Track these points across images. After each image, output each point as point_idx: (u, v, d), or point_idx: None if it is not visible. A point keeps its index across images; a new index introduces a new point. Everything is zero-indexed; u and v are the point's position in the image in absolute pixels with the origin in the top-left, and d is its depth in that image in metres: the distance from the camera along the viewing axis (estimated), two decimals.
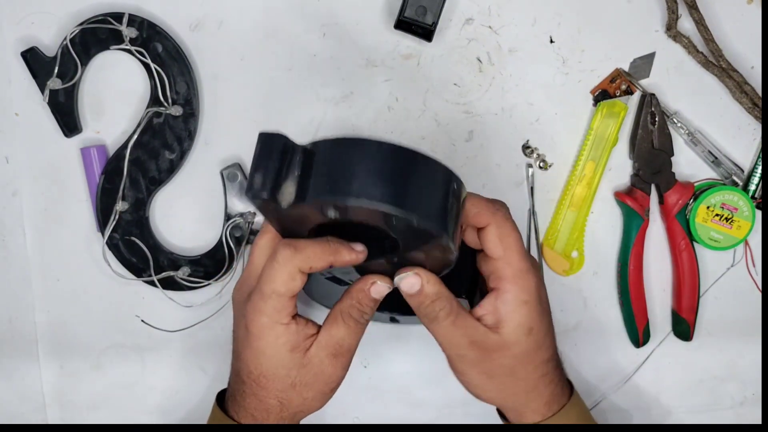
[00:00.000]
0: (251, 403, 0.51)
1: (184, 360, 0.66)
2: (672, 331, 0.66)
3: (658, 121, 0.61)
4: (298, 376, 0.50)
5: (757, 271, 0.65)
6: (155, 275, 0.62)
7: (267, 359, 0.49)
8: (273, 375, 0.49)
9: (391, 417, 0.67)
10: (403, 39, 0.61)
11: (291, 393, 0.50)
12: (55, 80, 0.60)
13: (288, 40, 0.61)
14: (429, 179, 0.42)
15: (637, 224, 0.62)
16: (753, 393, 0.67)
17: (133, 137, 0.60)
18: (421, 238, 0.43)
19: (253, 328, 0.49)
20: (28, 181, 0.63)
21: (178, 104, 0.60)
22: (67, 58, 0.60)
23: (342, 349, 0.50)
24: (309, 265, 0.46)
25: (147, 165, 0.61)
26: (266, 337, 0.49)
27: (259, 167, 0.41)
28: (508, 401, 0.52)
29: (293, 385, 0.50)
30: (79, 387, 0.67)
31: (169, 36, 0.60)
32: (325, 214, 0.42)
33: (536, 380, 0.50)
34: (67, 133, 0.61)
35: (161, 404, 0.67)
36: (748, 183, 0.63)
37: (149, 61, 0.59)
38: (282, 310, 0.48)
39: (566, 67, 0.62)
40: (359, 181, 0.40)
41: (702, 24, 0.60)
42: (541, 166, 0.63)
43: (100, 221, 0.62)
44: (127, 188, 0.61)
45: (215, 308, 0.64)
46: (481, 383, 0.51)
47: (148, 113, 0.60)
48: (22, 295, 0.65)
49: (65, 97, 0.61)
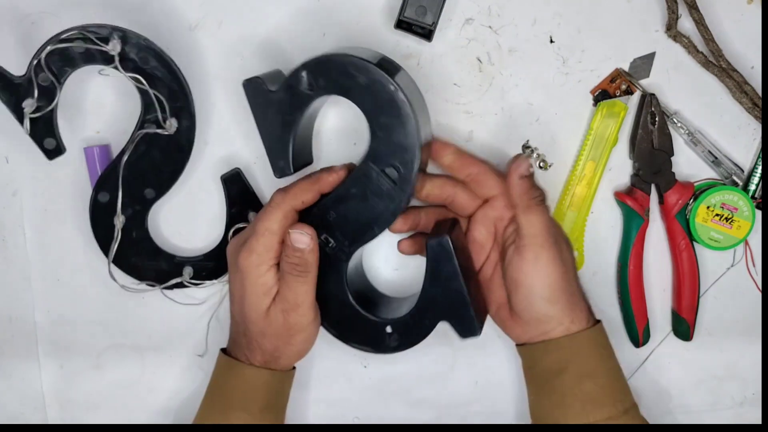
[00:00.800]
0: (246, 342, 0.56)
1: (185, 359, 0.66)
2: (672, 331, 0.66)
3: (658, 121, 0.61)
4: (269, 325, 0.55)
5: (757, 270, 0.65)
6: (160, 284, 0.62)
7: (251, 297, 0.55)
8: (257, 315, 0.55)
9: (391, 417, 0.67)
10: (403, 39, 0.61)
11: (264, 340, 0.56)
12: (32, 102, 0.54)
13: (288, 40, 0.61)
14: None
15: (637, 224, 0.62)
16: (753, 393, 0.67)
17: (126, 152, 0.58)
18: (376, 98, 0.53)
19: (242, 267, 0.54)
20: (28, 181, 0.63)
21: (172, 117, 0.57)
22: (41, 77, 0.54)
23: (289, 304, 0.55)
24: (300, 200, 0.54)
25: (145, 176, 0.59)
26: (252, 275, 0.54)
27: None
28: (545, 290, 0.54)
29: (262, 333, 0.55)
30: (79, 387, 0.67)
31: (157, 47, 0.56)
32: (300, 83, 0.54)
33: (576, 288, 0.56)
34: (51, 157, 0.58)
35: (161, 404, 0.67)
36: (748, 183, 0.63)
37: (144, 84, 0.56)
38: (270, 250, 0.54)
39: (566, 67, 0.62)
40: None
41: (702, 24, 0.60)
42: (541, 166, 0.63)
43: (100, 240, 0.60)
44: (125, 203, 0.59)
45: (219, 306, 0.64)
46: (527, 269, 0.55)
47: (140, 134, 0.57)
48: (22, 295, 0.65)
49: (44, 121, 0.56)
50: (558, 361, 0.55)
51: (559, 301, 0.55)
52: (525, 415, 0.63)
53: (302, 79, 0.53)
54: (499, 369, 0.67)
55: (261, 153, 0.57)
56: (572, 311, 0.55)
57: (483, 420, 0.68)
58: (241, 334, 0.57)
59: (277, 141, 0.55)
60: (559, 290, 0.54)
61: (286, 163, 0.55)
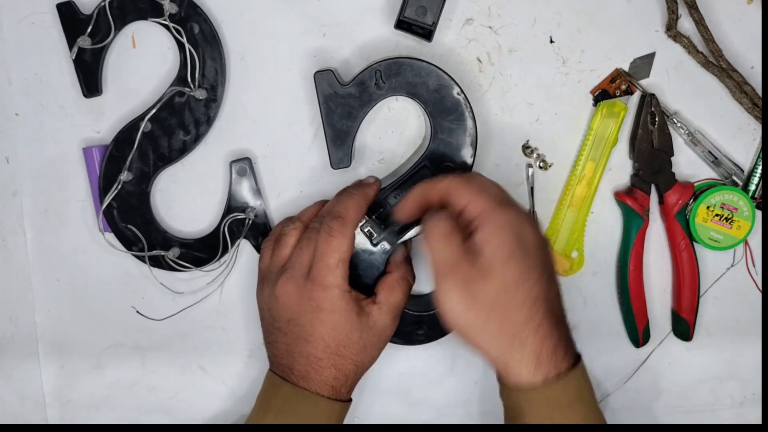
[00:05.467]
0: (330, 375, 0.55)
1: (185, 359, 0.66)
2: (672, 331, 0.66)
3: (658, 121, 0.61)
4: (368, 338, 0.55)
5: (757, 271, 0.65)
6: (146, 251, 0.62)
7: (343, 327, 0.54)
8: (349, 341, 0.55)
9: (391, 417, 0.67)
10: (403, 39, 0.61)
11: (363, 354, 0.56)
12: (86, 39, 0.59)
13: (288, 41, 0.61)
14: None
15: (637, 224, 0.62)
16: (753, 393, 0.67)
17: (152, 111, 0.60)
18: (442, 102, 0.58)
19: (325, 304, 0.54)
20: (28, 181, 0.63)
21: (203, 88, 0.60)
22: (101, 20, 0.59)
23: (397, 309, 0.57)
24: (357, 220, 0.56)
25: (159, 141, 0.61)
26: (339, 309, 0.54)
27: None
28: (491, 343, 0.48)
29: (365, 347, 0.56)
30: (79, 386, 0.67)
31: (208, 19, 0.59)
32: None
33: (521, 323, 0.48)
34: (87, 94, 0.61)
35: (162, 404, 0.67)
36: (748, 183, 0.63)
37: (184, 40, 0.59)
38: (347, 278, 0.54)
39: (566, 67, 0.62)
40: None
41: (702, 24, 0.60)
42: (541, 166, 0.63)
43: (101, 188, 0.61)
44: (134, 160, 0.61)
45: (211, 300, 0.64)
46: (464, 310, 0.48)
47: (172, 91, 0.60)
48: (23, 295, 0.65)
49: (92, 57, 0.60)
50: (513, 409, 0.50)
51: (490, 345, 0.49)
52: None
53: (374, 78, 0.58)
54: None
55: (270, 149, 0.57)
56: (521, 356, 0.48)
57: (483, 420, 0.68)
58: (318, 368, 0.55)
59: (341, 133, 0.58)
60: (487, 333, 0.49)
61: (346, 156, 0.59)
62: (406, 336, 0.62)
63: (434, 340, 0.63)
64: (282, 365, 0.56)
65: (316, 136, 0.62)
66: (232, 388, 0.67)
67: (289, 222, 0.59)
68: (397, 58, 0.58)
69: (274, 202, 0.63)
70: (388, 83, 0.58)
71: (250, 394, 0.67)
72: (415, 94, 0.58)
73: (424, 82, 0.58)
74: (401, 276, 0.57)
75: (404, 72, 0.58)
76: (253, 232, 0.63)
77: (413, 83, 0.58)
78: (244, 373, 0.66)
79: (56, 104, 0.62)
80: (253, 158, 0.62)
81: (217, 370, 0.67)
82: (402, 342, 0.62)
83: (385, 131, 0.62)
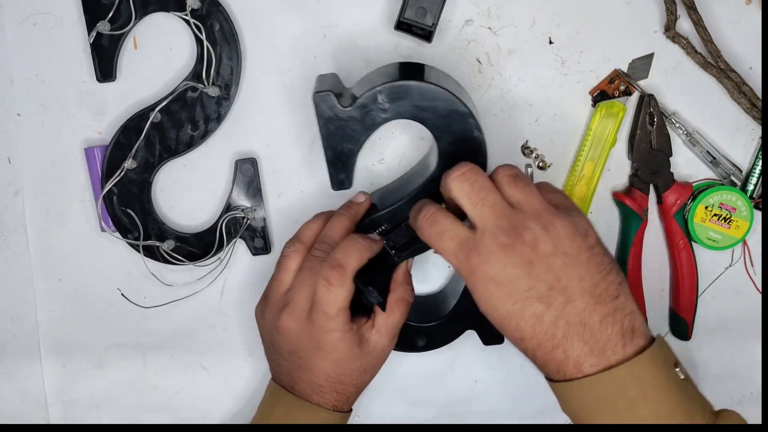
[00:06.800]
0: (331, 398, 0.56)
1: (186, 358, 0.67)
2: (670, 331, 0.66)
3: (657, 121, 0.61)
4: (368, 362, 0.57)
5: (756, 270, 0.65)
6: (141, 240, 0.62)
7: (344, 362, 0.55)
8: (350, 371, 0.56)
9: (392, 416, 0.68)
10: (403, 40, 0.61)
11: (364, 377, 0.57)
12: (105, 24, 0.59)
13: (289, 41, 0.61)
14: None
15: (635, 224, 0.62)
16: (752, 392, 0.68)
17: (163, 102, 0.60)
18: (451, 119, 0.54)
19: (326, 345, 0.54)
20: (30, 181, 0.64)
21: (216, 85, 0.60)
22: (123, 7, 0.59)
23: (396, 330, 0.57)
24: (357, 269, 0.53)
25: (167, 133, 0.61)
26: (340, 348, 0.54)
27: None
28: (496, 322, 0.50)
29: (365, 371, 0.57)
30: (80, 386, 0.67)
31: (229, 18, 0.59)
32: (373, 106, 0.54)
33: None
34: (101, 78, 0.61)
35: (163, 403, 0.67)
36: (747, 183, 0.63)
37: (203, 37, 0.59)
38: (348, 320, 0.54)
39: (565, 67, 0.62)
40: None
41: (700, 25, 0.60)
42: (540, 166, 0.63)
43: (104, 172, 0.61)
44: (140, 149, 0.61)
45: (212, 299, 0.64)
46: (489, 292, 0.49)
47: (185, 85, 0.60)
48: (24, 295, 0.65)
49: (110, 42, 0.60)
50: (588, 403, 0.49)
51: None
52: (525, 414, 0.64)
53: (378, 101, 0.54)
54: (499, 369, 0.67)
55: (272, 150, 0.57)
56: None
57: (483, 420, 0.68)
58: (320, 392, 0.56)
59: (341, 155, 0.56)
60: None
61: (347, 178, 0.57)
62: (406, 345, 0.62)
63: (433, 349, 0.63)
64: (284, 382, 0.58)
65: (317, 137, 0.62)
66: (233, 387, 0.67)
67: (290, 244, 0.58)
68: (404, 82, 0.54)
69: (274, 202, 0.64)
70: (393, 106, 0.54)
71: (252, 393, 0.67)
72: (423, 119, 0.55)
73: (434, 106, 0.54)
74: (400, 297, 0.57)
75: (413, 96, 0.54)
76: (249, 232, 0.63)
77: (422, 107, 0.54)
78: (246, 373, 0.67)
79: (58, 105, 0.62)
80: (259, 159, 0.62)
81: (218, 370, 0.67)
82: (400, 349, 0.61)
83: (385, 131, 0.63)
